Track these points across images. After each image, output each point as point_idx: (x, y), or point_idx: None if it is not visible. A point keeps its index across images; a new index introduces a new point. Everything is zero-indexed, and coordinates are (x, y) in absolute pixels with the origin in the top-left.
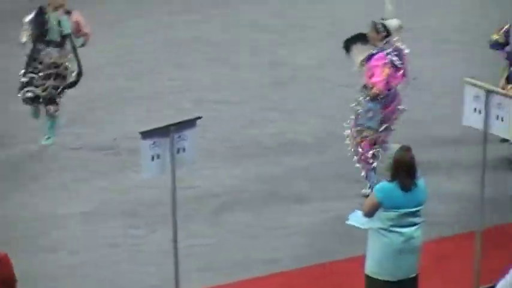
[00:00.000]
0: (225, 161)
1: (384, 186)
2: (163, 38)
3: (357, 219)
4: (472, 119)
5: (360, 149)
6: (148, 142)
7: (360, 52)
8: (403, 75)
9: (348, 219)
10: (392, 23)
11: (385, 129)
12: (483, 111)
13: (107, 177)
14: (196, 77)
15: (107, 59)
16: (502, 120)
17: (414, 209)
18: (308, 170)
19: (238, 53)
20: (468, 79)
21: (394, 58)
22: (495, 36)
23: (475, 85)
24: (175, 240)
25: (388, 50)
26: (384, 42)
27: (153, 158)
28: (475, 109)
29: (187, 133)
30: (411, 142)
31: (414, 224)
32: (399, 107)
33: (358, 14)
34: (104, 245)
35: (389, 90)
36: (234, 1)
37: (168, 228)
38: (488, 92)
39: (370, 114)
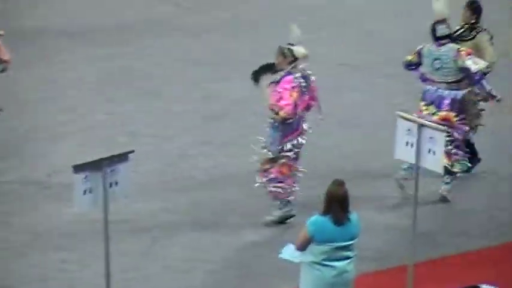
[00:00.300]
0: (158, 195)
1: (317, 219)
2: (96, 71)
3: (289, 252)
4: (404, 153)
5: (272, 175)
6: (81, 176)
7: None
8: (310, 100)
9: (280, 253)
10: (299, 49)
11: (289, 156)
12: (415, 145)
13: (40, 211)
14: (129, 111)
15: (40, 92)
16: (434, 153)
17: (347, 243)
18: (241, 203)
19: (171, 87)
20: (400, 113)
21: (302, 82)
22: (409, 57)
23: (407, 119)
24: (107, 274)
25: (296, 74)
26: (291, 66)
27: (85, 192)
28: (407, 143)
29: (120, 167)
30: (344, 176)
31: (347, 258)
32: (301, 137)
33: None
34: (38, 279)
35: (295, 114)
36: (166, 34)
37: (101, 262)
38: (421, 126)
39: (271, 139)
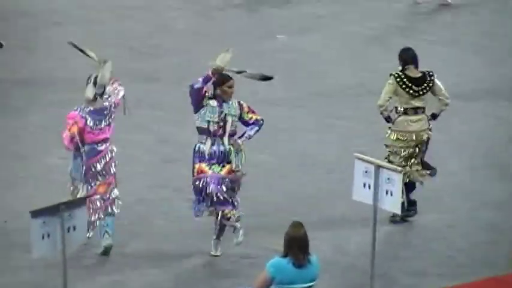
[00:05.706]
0: (115, 239)
1: (277, 261)
2: (49, 117)
3: None
4: (362, 194)
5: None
6: (39, 221)
7: None
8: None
9: None
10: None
11: (92, 183)
12: (372, 186)
13: None
14: None
15: None
16: (392, 194)
17: (307, 285)
18: (199, 247)
19: (124, 130)
20: (358, 154)
21: (89, 117)
22: None
23: (364, 160)
24: None
25: (83, 108)
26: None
27: (43, 237)
28: (365, 184)
29: (77, 212)
30: (302, 218)
31: None
32: (109, 165)
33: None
34: None
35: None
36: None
37: None
38: (378, 167)
39: (76, 166)
